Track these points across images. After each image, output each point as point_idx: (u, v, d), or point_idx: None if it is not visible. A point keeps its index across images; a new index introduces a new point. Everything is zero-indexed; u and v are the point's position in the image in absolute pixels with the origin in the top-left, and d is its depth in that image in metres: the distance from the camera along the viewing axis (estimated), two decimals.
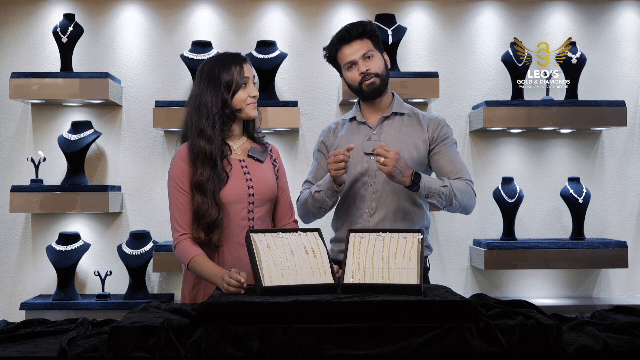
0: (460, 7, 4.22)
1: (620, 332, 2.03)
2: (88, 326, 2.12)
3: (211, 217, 2.37)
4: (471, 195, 2.57)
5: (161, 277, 4.10)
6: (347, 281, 2.08)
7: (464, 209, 2.57)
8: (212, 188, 2.38)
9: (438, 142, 2.62)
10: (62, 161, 3.98)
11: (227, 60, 2.47)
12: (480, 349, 1.81)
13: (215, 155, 2.40)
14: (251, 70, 2.51)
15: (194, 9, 4.18)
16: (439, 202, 2.50)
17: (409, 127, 2.64)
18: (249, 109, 2.49)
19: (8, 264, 4.10)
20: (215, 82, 2.44)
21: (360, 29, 2.60)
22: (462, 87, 4.20)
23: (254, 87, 2.51)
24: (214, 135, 2.41)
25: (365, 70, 2.59)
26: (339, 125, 2.76)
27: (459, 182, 2.55)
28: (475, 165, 4.17)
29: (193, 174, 2.40)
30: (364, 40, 2.61)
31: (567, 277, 4.17)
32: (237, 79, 2.44)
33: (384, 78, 2.62)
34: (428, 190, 2.45)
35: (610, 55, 4.24)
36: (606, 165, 4.20)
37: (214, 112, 2.42)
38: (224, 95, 2.43)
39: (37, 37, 4.15)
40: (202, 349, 1.81)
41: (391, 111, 2.66)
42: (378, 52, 2.63)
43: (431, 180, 2.48)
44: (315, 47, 4.12)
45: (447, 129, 2.66)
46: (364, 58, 2.60)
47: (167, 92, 4.11)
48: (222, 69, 2.45)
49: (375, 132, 2.64)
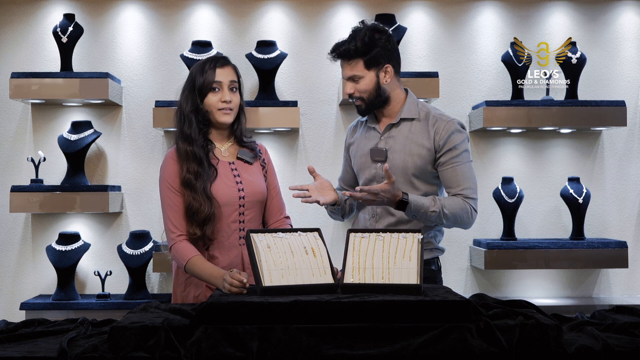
0: (460, 7, 4.22)
1: (620, 332, 2.03)
2: (88, 326, 2.12)
3: (205, 212, 2.37)
4: (467, 214, 2.52)
5: (161, 277, 4.10)
6: (347, 281, 2.08)
7: (458, 226, 2.57)
8: (201, 185, 2.39)
9: (444, 152, 2.55)
10: (62, 161, 3.98)
11: (205, 62, 2.48)
12: (480, 349, 1.81)
13: (200, 154, 2.41)
14: (231, 76, 2.47)
15: (194, 9, 4.18)
16: (426, 222, 2.53)
17: (416, 134, 2.58)
18: (219, 114, 2.45)
19: (8, 264, 4.10)
20: (191, 82, 2.47)
21: (351, 51, 2.51)
22: (462, 87, 4.20)
23: (230, 92, 2.45)
24: (194, 135, 2.43)
25: (350, 94, 2.58)
26: (358, 125, 2.78)
27: (455, 202, 2.51)
28: (475, 165, 4.14)
29: (181, 171, 2.42)
30: (353, 62, 2.53)
31: (567, 277, 4.16)
32: (207, 81, 2.43)
33: (369, 100, 2.57)
34: (415, 212, 2.47)
35: (610, 55, 4.24)
36: (606, 165, 4.20)
37: (187, 112, 2.44)
38: (195, 98, 2.44)
39: (37, 37, 4.15)
40: (202, 349, 1.81)
41: (399, 118, 2.61)
42: (371, 71, 2.53)
43: (419, 205, 2.46)
44: (315, 47, 4.12)
45: (457, 136, 2.55)
46: (349, 80, 2.56)
47: (167, 92, 4.10)
48: (197, 70, 2.47)
49: (383, 138, 2.63)
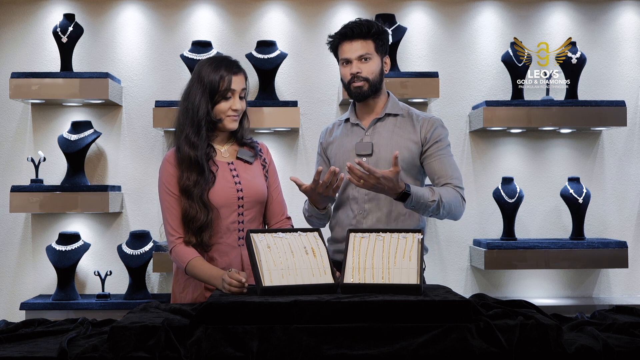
0: (460, 7, 4.22)
1: (620, 332, 2.03)
2: (88, 326, 2.12)
3: (200, 220, 2.36)
4: (459, 203, 2.54)
5: (161, 277, 4.10)
6: (347, 281, 2.08)
7: (451, 217, 2.56)
8: (198, 192, 2.36)
9: (431, 144, 2.59)
10: (62, 161, 3.98)
11: (220, 66, 2.41)
12: (480, 349, 1.81)
13: (202, 160, 2.39)
14: (242, 83, 2.44)
15: (194, 9, 4.18)
16: (424, 213, 2.49)
17: (402, 128, 2.63)
18: (228, 121, 2.44)
19: (8, 264, 4.10)
20: (203, 86, 2.40)
21: (365, 29, 2.57)
22: (462, 87, 4.20)
23: (239, 100, 2.44)
24: (199, 142, 2.39)
25: (356, 73, 2.57)
26: (335, 126, 2.78)
27: (448, 191, 2.51)
28: (475, 165, 4.17)
29: (180, 178, 2.39)
30: (367, 41, 2.58)
31: (567, 277, 4.17)
32: (222, 89, 2.39)
33: (374, 83, 2.59)
34: (416, 203, 2.42)
35: (610, 55, 4.24)
36: (606, 165, 4.20)
37: (199, 117, 2.39)
38: (209, 103, 2.40)
39: (37, 37, 4.15)
40: (202, 349, 1.81)
41: (384, 112, 2.65)
42: (378, 56, 2.60)
43: (420, 195, 2.40)
44: (315, 47, 4.12)
45: (441, 131, 2.63)
46: (359, 59, 2.57)
47: (167, 92, 4.10)
48: (210, 73, 2.40)
49: (368, 133, 2.64)
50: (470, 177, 4.14)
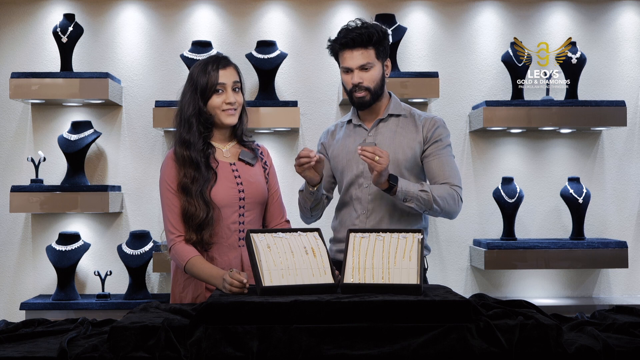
0: (460, 7, 4.22)
1: (620, 332, 2.03)
2: (88, 326, 2.12)
3: (200, 217, 2.36)
4: (455, 200, 2.53)
5: (161, 277, 4.10)
6: (347, 281, 2.08)
7: (446, 214, 2.55)
8: (197, 189, 2.37)
9: (431, 144, 2.60)
10: (62, 161, 3.98)
11: (207, 63, 2.44)
12: (480, 349, 1.81)
13: (198, 159, 2.39)
14: (233, 76, 2.45)
15: (194, 9, 4.18)
16: (417, 206, 2.48)
17: (404, 128, 2.64)
18: (224, 116, 2.44)
19: (8, 264, 4.10)
20: (193, 85, 2.43)
21: (365, 37, 2.54)
22: (462, 87, 4.20)
23: (233, 93, 2.44)
24: (193, 140, 2.40)
25: (358, 83, 2.57)
26: (337, 127, 2.78)
27: (442, 188, 2.52)
28: (475, 165, 4.17)
29: (179, 175, 2.40)
30: (368, 50, 2.55)
31: (567, 277, 4.17)
32: (211, 83, 2.40)
33: (375, 91, 2.59)
34: (405, 194, 2.44)
35: (610, 55, 4.24)
36: (606, 165, 4.20)
37: (188, 115, 2.41)
38: (198, 100, 2.41)
39: (37, 37, 4.15)
40: (202, 349, 1.81)
41: (387, 113, 2.66)
42: (379, 62, 2.59)
43: (409, 184, 2.46)
44: (315, 47, 4.12)
45: (442, 131, 2.63)
46: (361, 69, 2.56)
47: (167, 92, 4.10)
48: (199, 72, 2.43)
49: (371, 134, 2.65)
50: (470, 177, 4.14)
